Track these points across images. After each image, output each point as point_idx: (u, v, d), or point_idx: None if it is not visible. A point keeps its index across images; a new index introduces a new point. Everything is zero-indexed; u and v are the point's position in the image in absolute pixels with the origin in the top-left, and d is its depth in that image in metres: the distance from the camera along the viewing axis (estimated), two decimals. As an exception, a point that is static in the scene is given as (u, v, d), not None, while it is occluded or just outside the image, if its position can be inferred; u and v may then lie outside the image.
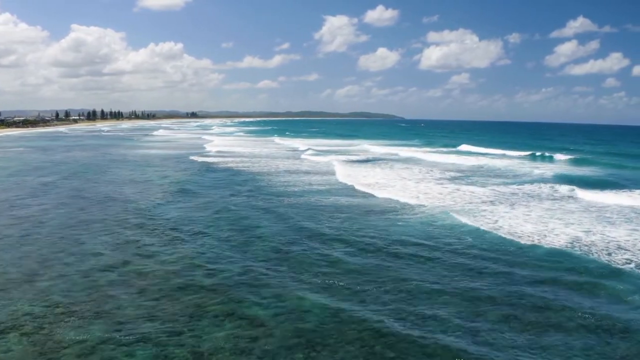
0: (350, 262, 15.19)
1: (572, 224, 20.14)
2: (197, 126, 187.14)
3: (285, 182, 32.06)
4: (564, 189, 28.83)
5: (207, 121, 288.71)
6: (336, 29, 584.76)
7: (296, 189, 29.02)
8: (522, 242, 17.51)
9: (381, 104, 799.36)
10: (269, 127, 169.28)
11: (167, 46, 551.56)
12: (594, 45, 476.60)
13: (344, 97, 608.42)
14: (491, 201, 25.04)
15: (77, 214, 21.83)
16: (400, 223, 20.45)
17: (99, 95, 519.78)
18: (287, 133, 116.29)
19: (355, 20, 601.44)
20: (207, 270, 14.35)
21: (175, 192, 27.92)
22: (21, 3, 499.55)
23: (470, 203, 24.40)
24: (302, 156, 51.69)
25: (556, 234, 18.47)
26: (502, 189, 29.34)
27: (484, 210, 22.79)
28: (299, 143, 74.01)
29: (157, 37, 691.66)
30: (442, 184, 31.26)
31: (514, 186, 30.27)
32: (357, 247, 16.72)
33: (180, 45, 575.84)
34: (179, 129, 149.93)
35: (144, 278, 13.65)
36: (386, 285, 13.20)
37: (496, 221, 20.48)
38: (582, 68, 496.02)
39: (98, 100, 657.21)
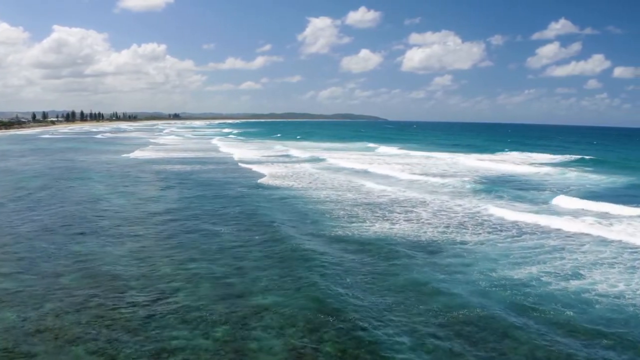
0: None
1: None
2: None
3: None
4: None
5: (179, 122, 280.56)
6: (318, 31, 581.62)
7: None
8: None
9: (365, 106, 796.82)
10: (228, 130, 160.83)
11: (150, 47, 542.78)
12: (575, 47, 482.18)
13: (327, 99, 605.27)
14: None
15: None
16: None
17: (81, 96, 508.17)
18: (240, 137, 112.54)
19: (338, 22, 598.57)
20: None
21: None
22: (3, 3, 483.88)
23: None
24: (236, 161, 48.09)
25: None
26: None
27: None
28: (238, 147, 69.77)
29: (139, 38, 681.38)
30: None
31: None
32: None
33: (163, 47, 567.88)
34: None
35: None
36: None
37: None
38: (564, 70, 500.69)
39: (80, 101, 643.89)
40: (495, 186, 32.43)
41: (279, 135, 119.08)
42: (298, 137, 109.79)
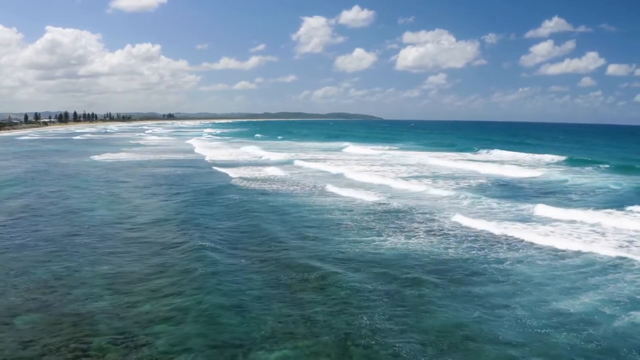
0: None
1: None
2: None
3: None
4: None
5: (168, 123, 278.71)
6: (312, 30, 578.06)
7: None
8: None
9: (359, 105, 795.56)
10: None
11: (144, 47, 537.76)
12: (569, 45, 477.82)
13: (322, 98, 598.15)
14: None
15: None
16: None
17: (75, 97, 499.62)
18: (225, 137, 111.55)
19: (332, 21, 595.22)
20: None
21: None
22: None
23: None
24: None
25: None
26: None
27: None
28: (214, 149, 67.89)
29: (133, 39, 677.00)
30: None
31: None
32: None
33: (157, 47, 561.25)
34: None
35: None
36: None
37: None
38: (557, 67, 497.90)
39: (74, 102, 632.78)
40: (506, 190, 30.11)
41: (259, 135, 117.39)
42: (279, 137, 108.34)
